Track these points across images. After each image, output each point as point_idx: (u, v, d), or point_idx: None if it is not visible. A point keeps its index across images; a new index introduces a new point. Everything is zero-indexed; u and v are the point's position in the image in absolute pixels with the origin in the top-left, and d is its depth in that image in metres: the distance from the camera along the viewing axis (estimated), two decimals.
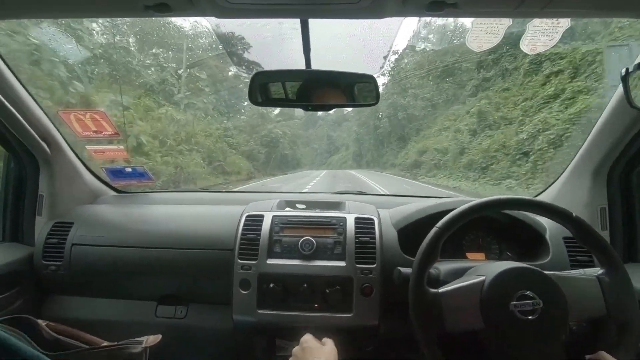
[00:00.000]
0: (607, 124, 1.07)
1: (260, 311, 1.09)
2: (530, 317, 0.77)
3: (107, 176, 1.50)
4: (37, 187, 1.32)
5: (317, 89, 0.97)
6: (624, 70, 0.39)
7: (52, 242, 1.22)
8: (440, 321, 0.79)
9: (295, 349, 0.91)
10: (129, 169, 1.47)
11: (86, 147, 1.39)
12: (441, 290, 0.81)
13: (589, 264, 1.05)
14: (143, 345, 0.89)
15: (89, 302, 1.25)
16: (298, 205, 1.32)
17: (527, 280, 0.79)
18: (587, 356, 0.76)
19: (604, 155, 1.13)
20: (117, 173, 1.49)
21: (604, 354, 0.74)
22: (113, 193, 1.53)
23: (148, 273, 1.21)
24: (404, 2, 0.71)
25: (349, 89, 0.99)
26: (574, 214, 0.86)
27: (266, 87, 0.94)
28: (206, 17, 0.78)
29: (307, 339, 0.90)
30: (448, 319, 0.79)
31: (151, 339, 0.97)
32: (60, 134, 1.28)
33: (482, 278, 0.81)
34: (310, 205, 1.32)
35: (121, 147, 1.38)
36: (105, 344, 0.91)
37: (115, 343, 0.88)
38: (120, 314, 1.23)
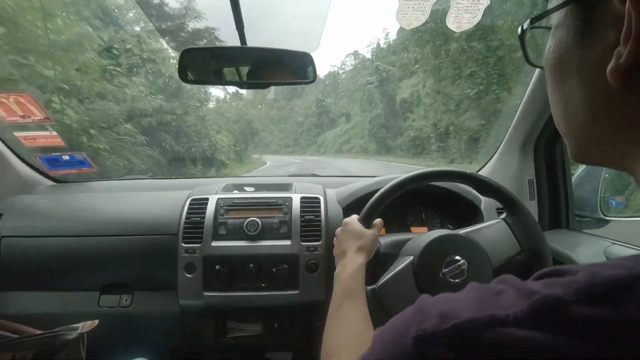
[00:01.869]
0: (530, 100, 1.14)
1: (206, 293, 1.08)
2: (460, 279, 0.82)
3: (42, 165, 1.41)
4: None
5: (254, 67, 0.96)
6: (519, 28, 0.41)
7: None
8: (385, 312, 0.81)
9: (337, 230, 0.91)
10: (67, 157, 1.39)
11: (14, 133, 1.30)
12: (378, 284, 0.84)
13: None
14: (79, 331, 0.86)
15: (26, 296, 1.18)
16: (245, 188, 1.31)
17: (450, 246, 0.84)
18: (531, 277, 0.82)
19: (529, 130, 1.21)
20: (54, 162, 1.40)
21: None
22: (51, 183, 1.45)
23: (89, 262, 1.16)
24: None
25: (285, 66, 0.99)
26: (468, 172, 0.94)
27: (197, 65, 0.91)
28: None
29: (350, 220, 0.90)
30: (392, 308, 0.82)
31: (87, 324, 0.94)
32: None
33: (410, 258, 0.85)
34: (258, 187, 1.32)
35: (54, 133, 1.29)
36: (38, 332, 0.88)
37: (47, 331, 0.85)
38: (61, 306, 1.18)
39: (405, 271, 0.85)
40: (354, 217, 0.91)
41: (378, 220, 0.92)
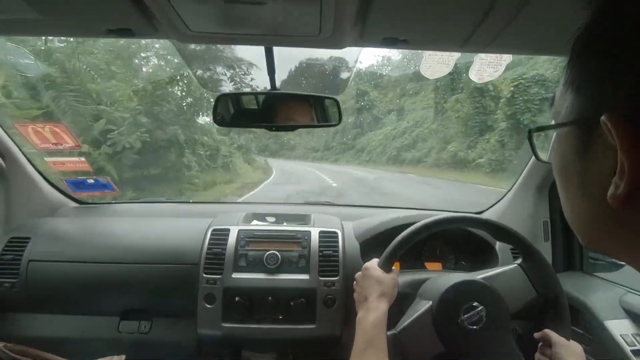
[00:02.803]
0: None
1: (225, 324, 1.11)
2: (478, 326, 0.84)
3: (68, 187, 1.46)
4: None
5: (281, 110, 1.00)
6: (528, 131, 0.44)
7: (6, 259, 1.18)
8: (405, 357, 0.83)
9: (358, 274, 0.92)
10: (91, 180, 1.44)
11: (45, 159, 1.35)
12: (398, 330, 0.86)
13: None
14: None
15: (48, 319, 1.21)
16: (265, 218, 1.34)
17: (468, 292, 0.86)
18: (535, 334, 0.83)
19: (545, 172, 1.24)
20: (79, 185, 1.45)
21: (547, 331, 0.81)
22: (74, 204, 1.49)
23: (110, 289, 1.19)
24: (361, 35, 0.76)
25: (313, 110, 1.03)
26: (484, 219, 0.96)
27: (230, 109, 0.96)
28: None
29: (370, 265, 0.91)
30: (411, 353, 0.83)
31: (115, 359, 0.97)
32: (17, 146, 1.24)
33: (429, 303, 0.87)
34: (278, 217, 1.35)
35: (82, 159, 1.35)
36: None
37: None
38: (82, 330, 1.20)
39: (425, 316, 0.86)
40: (374, 262, 0.93)
41: (395, 269, 0.93)
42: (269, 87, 0.97)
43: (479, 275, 0.93)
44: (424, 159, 17.72)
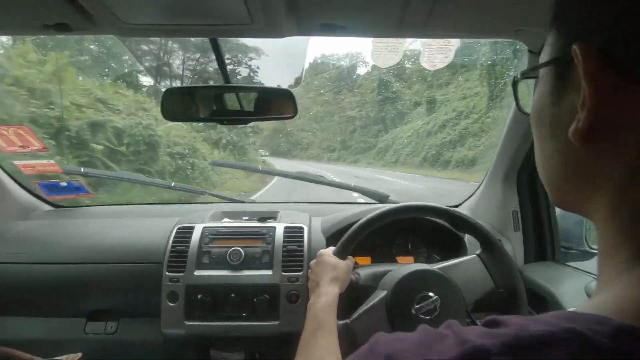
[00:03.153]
0: (510, 132, 1.16)
1: (188, 322, 1.10)
2: (432, 316, 0.82)
3: (41, 191, 1.47)
4: None
5: (233, 103, 1.00)
6: (512, 79, 0.45)
7: None
8: (357, 347, 0.82)
9: (312, 262, 0.93)
10: (64, 183, 1.45)
11: (14, 162, 1.36)
12: (350, 319, 0.85)
13: None
14: None
15: (14, 321, 1.21)
16: (234, 216, 1.34)
17: (423, 281, 0.85)
18: (481, 321, 0.81)
19: (509, 163, 1.22)
20: (52, 188, 1.46)
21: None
22: (48, 208, 1.50)
23: (77, 290, 1.19)
24: (297, 23, 0.76)
25: (267, 102, 1.03)
26: (441, 207, 0.95)
27: (179, 104, 0.96)
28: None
29: (325, 252, 0.92)
30: (362, 342, 0.82)
31: (71, 357, 0.96)
32: None
33: (384, 293, 0.86)
34: (247, 215, 1.34)
35: (52, 161, 1.35)
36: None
37: None
38: (48, 332, 1.20)
39: (378, 306, 0.85)
40: (330, 249, 0.93)
41: (351, 257, 0.93)
42: (222, 81, 0.98)
43: (436, 266, 0.92)
44: (480, 159, 13.64)
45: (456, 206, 1.49)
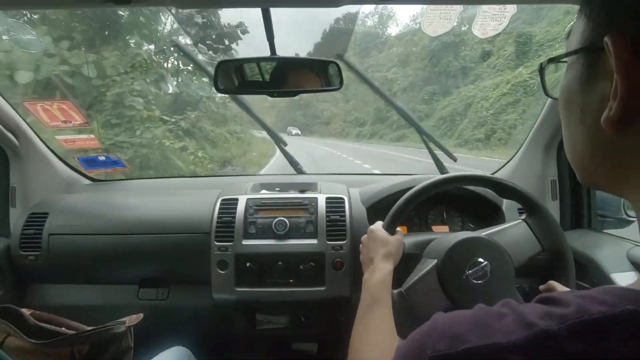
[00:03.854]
0: (554, 103, 1.14)
1: (238, 289, 1.15)
2: (483, 281, 0.86)
3: (80, 165, 1.50)
4: (8, 180, 1.32)
5: (282, 76, 1.00)
6: (539, 65, 0.45)
7: (28, 233, 1.24)
8: (413, 315, 0.84)
9: (363, 237, 0.95)
10: (102, 158, 1.48)
11: (56, 137, 1.38)
12: (404, 288, 0.87)
13: None
14: (126, 325, 0.94)
15: (70, 289, 1.28)
16: (273, 188, 1.37)
17: (472, 248, 0.87)
18: (541, 287, 0.83)
19: (552, 132, 1.21)
20: (91, 162, 1.49)
21: (552, 282, 0.82)
22: (87, 182, 1.54)
23: (128, 259, 1.25)
24: None
25: (313, 74, 1.02)
26: (487, 175, 0.97)
27: (230, 76, 0.96)
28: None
29: (375, 228, 0.93)
30: (419, 310, 0.84)
31: (133, 318, 1.02)
32: (28, 125, 1.27)
33: (434, 261, 0.88)
34: (284, 187, 1.37)
35: (92, 136, 1.37)
36: (89, 328, 0.96)
37: (99, 326, 0.92)
38: (103, 298, 1.27)
39: (430, 274, 0.88)
40: (379, 224, 0.94)
41: (399, 230, 0.95)
42: (268, 53, 0.97)
43: (484, 232, 0.94)
44: None
45: (493, 174, 1.49)
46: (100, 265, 1.25)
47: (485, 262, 0.86)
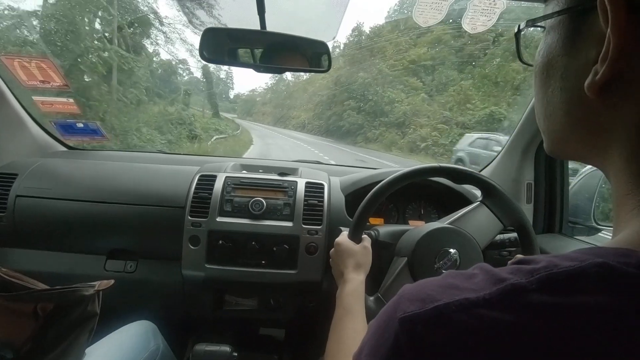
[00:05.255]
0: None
1: (208, 266, 1.13)
2: (454, 269, 0.87)
3: (56, 130, 1.45)
4: None
5: (270, 51, 0.99)
6: (516, 27, 0.44)
7: None
8: None
9: (331, 251, 0.94)
10: (80, 125, 1.43)
11: (33, 97, 1.33)
12: (380, 292, 0.88)
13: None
14: (95, 289, 0.90)
15: (34, 255, 1.24)
16: (251, 169, 1.35)
17: (439, 239, 0.89)
18: (509, 262, 0.86)
19: (531, 136, 1.24)
20: (68, 128, 1.44)
21: (518, 255, 0.83)
22: (62, 149, 1.49)
23: (97, 227, 1.21)
24: None
25: (301, 53, 1.01)
26: (439, 165, 0.98)
27: (217, 45, 0.94)
28: None
29: (341, 240, 0.92)
30: None
31: (104, 283, 0.99)
32: (4, 80, 1.22)
33: (404, 260, 0.90)
34: (266, 169, 1.36)
35: (70, 100, 1.33)
36: (57, 287, 0.92)
37: (67, 286, 0.89)
38: (68, 267, 1.23)
39: (403, 272, 0.89)
40: (344, 235, 0.94)
41: (366, 238, 0.95)
42: (258, 26, 0.96)
43: (447, 221, 0.96)
44: None
45: None
46: (67, 232, 1.21)
47: (454, 251, 0.88)
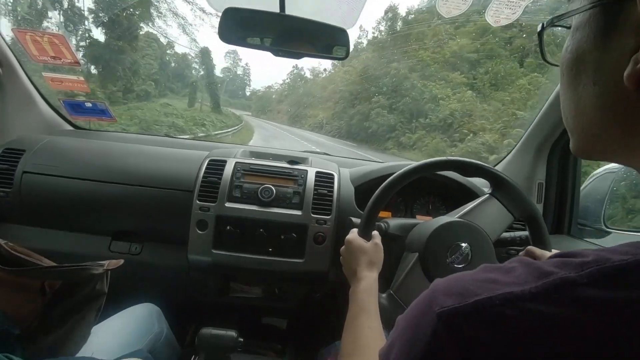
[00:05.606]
0: (553, 105, 1.16)
1: (215, 251, 1.12)
2: (465, 264, 0.86)
3: (64, 109, 1.43)
4: None
5: (289, 35, 0.97)
6: (540, 25, 0.43)
7: (1, 168, 1.17)
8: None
9: (342, 249, 0.93)
10: (89, 104, 1.41)
11: (43, 74, 1.31)
12: (392, 289, 0.88)
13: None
14: (104, 268, 0.89)
15: (39, 232, 1.23)
16: (260, 157, 1.34)
17: (450, 234, 0.88)
18: (520, 253, 0.85)
19: (547, 134, 1.23)
20: (76, 107, 1.42)
21: (530, 247, 0.82)
22: (69, 128, 1.47)
23: (103, 207, 1.20)
24: None
25: (321, 39, 1.00)
26: (447, 158, 0.97)
27: (236, 25, 0.93)
28: None
29: (352, 237, 0.91)
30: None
31: (113, 263, 0.97)
32: (15, 55, 1.20)
33: (415, 255, 0.89)
34: (276, 157, 1.34)
35: (81, 78, 1.31)
36: (67, 264, 0.91)
37: (77, 264, 0.88)
38: (72, 246, 1.22)
39: (415, 268, 0.88)
40: (354, 232, 0.93)
41: (376, 234, 0.93)
42: (277, 9, 0.94)
43: (457, 215, 0.95)
44: None
45: None
46: (73, 211, 1.20)
47: (465, 245, 0.87)
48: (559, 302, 0.27)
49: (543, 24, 0.42)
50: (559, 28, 0.41)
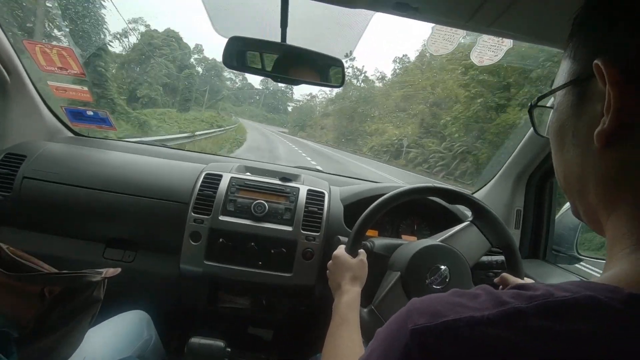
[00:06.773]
0: (534, 136, 1.24)
1: (206, 262, 1.17)
2: (443, 286, 0.92)
3: (66, 116, 1.47)
4: None
5: (289, 64, 1.04)
6: (529, 105, 0.50)
7: (1, 172, 1.21)
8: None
9: (329, 264, 0.97)
10: (90, 112, 1.45)
11: (48, 82, 1.35)
12: (374, 304, 0.93)
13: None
14: (102, 276, 0.93)
15: (35, 237, 1.25)
16: (255, 172, 1.39)
17: (431, 256, 0.94)
18: (495, 280, 0.91)
19: (526, 163, 1.31)
20: (77, 115, 1.46)
21: (504, 274, 0.89)
22: (70, 134, 1.51)
23: (100, 215, 1.23)
24: None
25: (318, 68, 1.06)
26: (434, 185, 1.04)
27: (240, 53, 0.99)
28: None
29: (339, 253, 0.96)
30: None
31: (111, 271, 1.01)
32: (22, 65, 1.25)
33: (398, 274, 0.94)
34: (270, 173, 1.40)
35: (85, 88, 1.35)
36: (67, 271, 0.94)
37: (77, 271, 0.91)
38: (67, 251, 1.25)
39: (396, 287, 0.94)
40: (342, 249, 0.98)
41: (362, 252, 0.98)
42: (279, 39, 1.01)
43: (439, 238, 1.01)
44: None
45: None
46: (70, 217, 1.23)
47: (444, 267, 0.93)
48: (511, 328, 0.31)
49: (531, 104, 0.49)
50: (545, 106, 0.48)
